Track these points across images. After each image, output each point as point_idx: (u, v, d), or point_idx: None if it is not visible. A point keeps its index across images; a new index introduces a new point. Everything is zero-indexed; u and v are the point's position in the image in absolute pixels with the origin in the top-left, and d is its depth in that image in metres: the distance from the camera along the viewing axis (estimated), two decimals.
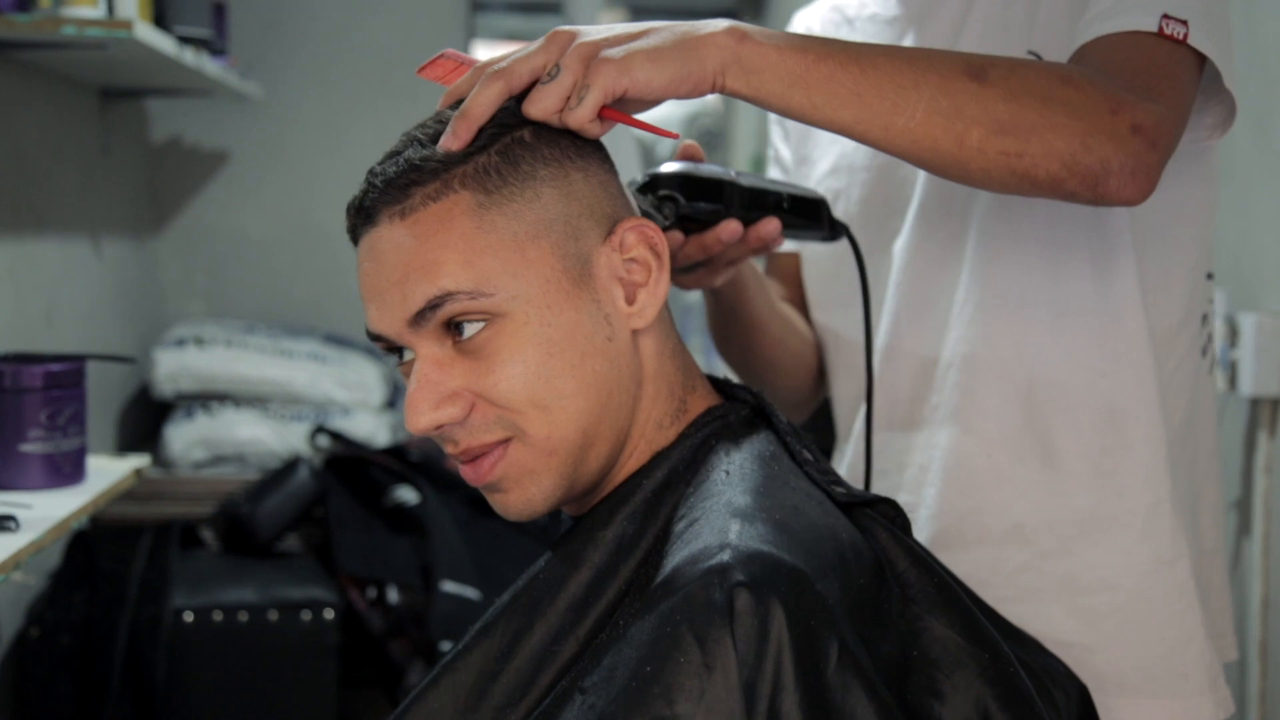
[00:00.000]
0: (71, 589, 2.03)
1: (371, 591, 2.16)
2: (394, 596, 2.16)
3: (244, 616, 2.01)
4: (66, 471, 1.43)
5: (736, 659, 0.75)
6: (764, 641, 0.75)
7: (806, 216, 1.08)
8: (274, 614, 2.02)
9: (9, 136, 1.92)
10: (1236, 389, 1.81)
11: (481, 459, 0.88)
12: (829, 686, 0.77)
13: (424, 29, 2.95)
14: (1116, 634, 1.06)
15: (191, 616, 1.98)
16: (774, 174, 1.29)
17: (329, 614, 2.04)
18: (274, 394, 2.55)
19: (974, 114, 0.88)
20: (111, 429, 2.50)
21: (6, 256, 1.90)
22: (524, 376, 0.85)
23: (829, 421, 1.28)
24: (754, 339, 1.22)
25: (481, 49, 3.09)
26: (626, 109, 0.89)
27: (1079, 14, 1.00)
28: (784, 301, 1.29)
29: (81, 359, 1.46)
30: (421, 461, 2.39)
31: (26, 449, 1.39)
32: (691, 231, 1.03)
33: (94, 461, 1.51)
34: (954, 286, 1.11)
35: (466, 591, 2.13)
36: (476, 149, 0.86)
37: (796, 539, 0.83)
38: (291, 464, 2.34)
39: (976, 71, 0.89)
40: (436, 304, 0.84)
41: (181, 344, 2.54)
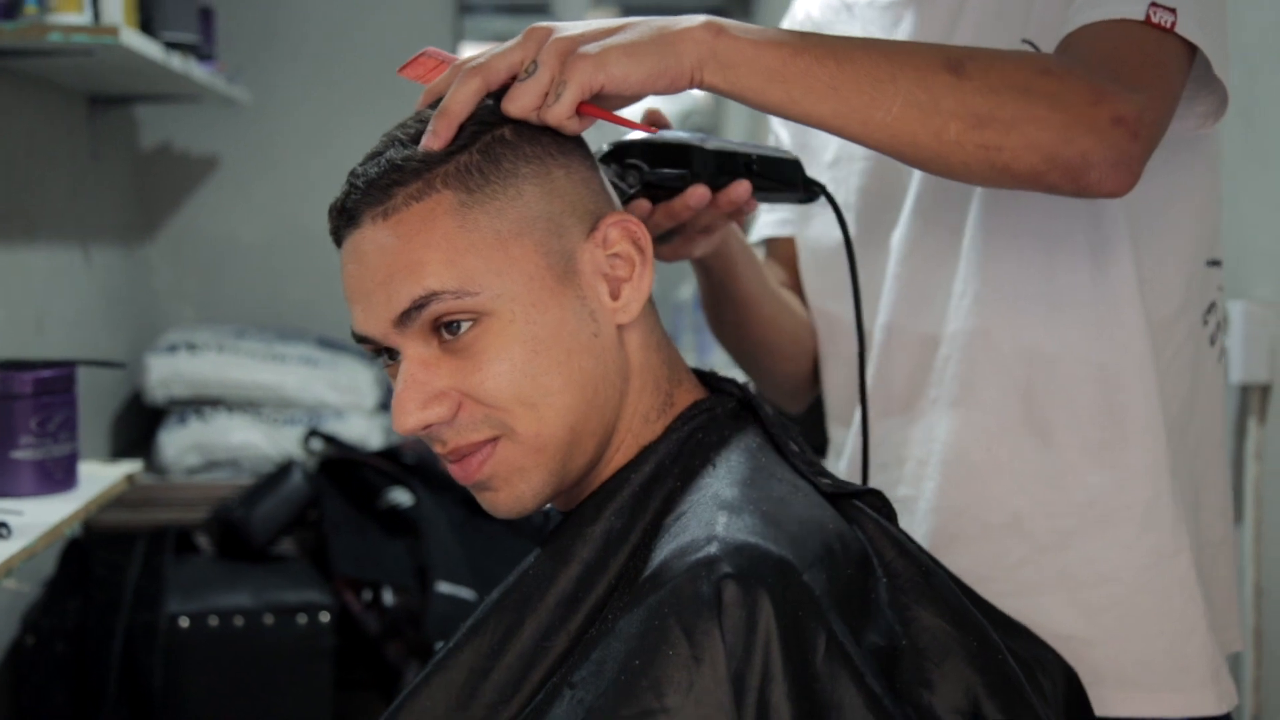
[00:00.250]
0: (66, 596, 2.03)
1: (367, 594, 2.17)
2: (389, 598, 2.16)
3: (239, 621, 2.01)
4: (58, 478, 1.43)
5: (725, 651, 0.75)
6: (752, 633, 0.76)
7: (778, 178, 1.06)
8: (269, 618, 2.02)
9: None
10: (1226, 376, 1.81)
11: (470, 457, 0.88)
12: (817, 677, 0.77)
13: (412, 31, 2.95)
14: (1116, 627, 1.05)
15: (187, 622, 1.99)
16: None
17: (324, 617, 2.04)
18: (266, 398, 2.55)
19: (952, 107, 0.87)
20: (105, 436, 2.50)
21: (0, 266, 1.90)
22: (510, 374, 0.85)
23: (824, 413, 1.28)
24: (745, 317, 1.21)
25: (470, 50, 3.08)
26: (606, 105, 0.89)
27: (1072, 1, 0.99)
28: (783, 287, 1.28)
29: (72, 365, 1.46)
30: (415, 463, 2.40)
31: (18, 455, 1.39)
32: (660, 199, 1.02)
33: (86, 468, 1.52)
34: (951, 279, 1.10)
35: (461, 592, 2.13)
36: (458, 148, 0.86)
37: (783, 530, 0.83)
38: (285, 468, 2.35)
39: (954, 64, 0.88)
40: (422, 304, 0.84)
41: (173, 350, 2.54)
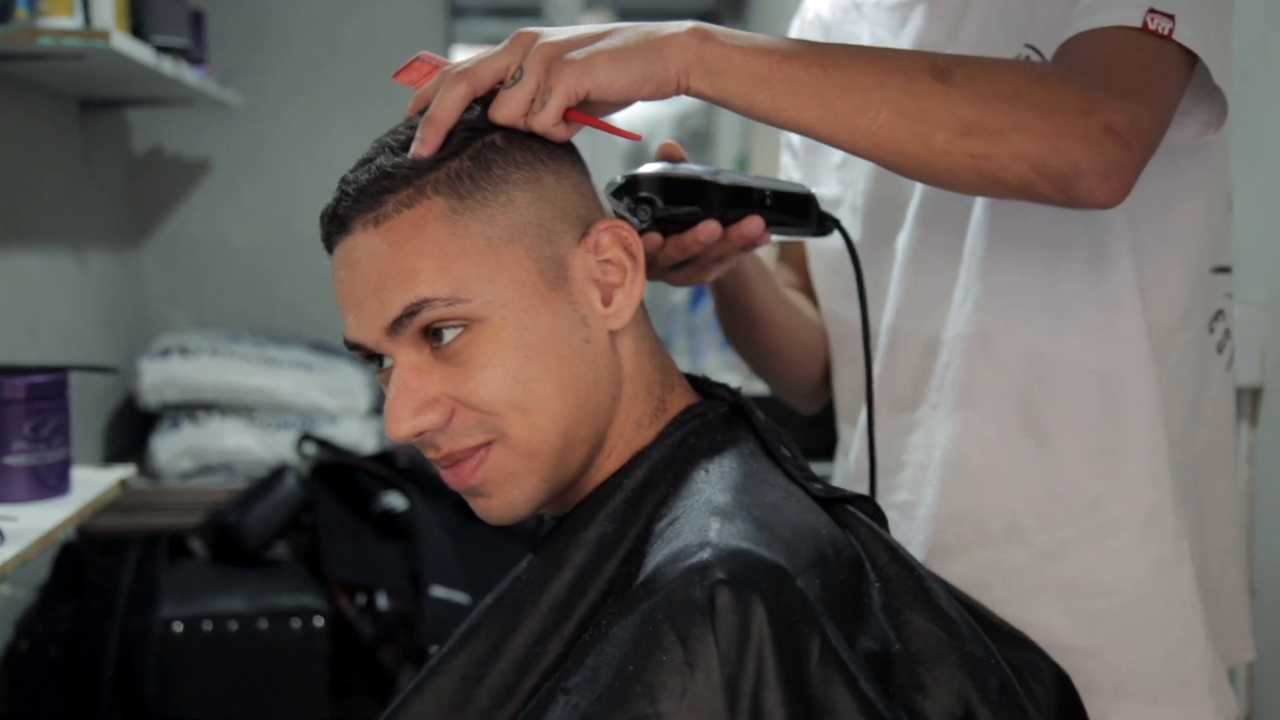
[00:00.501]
0: (60, 601, 2.03)
1: (361, 598, 2.17)
2: (383, 603, 2.16)
3: (234, 626, 2.01)
4: (51, 483, 1.43)
5: (718, 656, 0.75)
6: (745, 639, 0.76)
7: (792, 212, 1.06)
8: (264, 622, 2.02)
9: None
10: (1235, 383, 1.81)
11: (463, 463, 0.88)
12: (811, 682, 0.77)
13: (403, 34, 2.95)
14: (1115, 638, 1.05)
15: (181, 627, 1.98)
16: (785, 159, 1.27)
17: (319, 621, 2.04)
18: (260, 402, 2.55)
19: (939, 115, 0.86)
20: (98, 441, 2.50)
21: None
22: (503, 380, 0.85)
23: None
24: (760, 329, 1.21)
25: (461, 54, 3.09)
26: (593, 111, 0.89)
27: (1074, 6, 0.97)
28: (795, 290, 1.28)
29: (64, 370, 1.46)
30: (409, 467, 2.40)
31: (10, 461, 1.39)
32: (671, 232, 1.02)
33: (79, 473, 1.51)
34: (953, 283, 1.10)
35: (456, 596, 2.13)
36: (448, 154, 0.86)
37: (776, 536, 0.83)
38: (279, 472, 2.34)
39: (942, 72, 0.87)
40: (413, 311, 0.84)
41: (166, 354, 2.53)
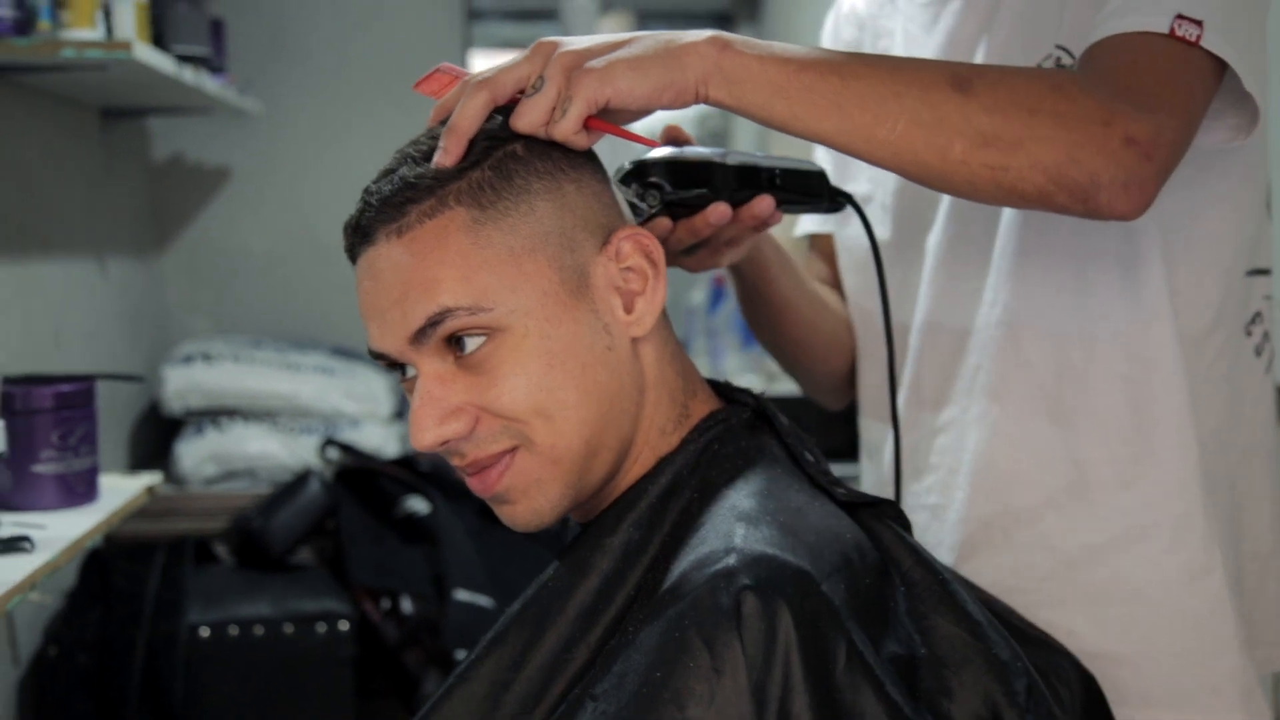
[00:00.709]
0: (87, 608, 2.04)
1: (385, 602, 2.17)
2: (408, 607, 2.16)
3: (259, 630, 2.02)
4: (79, 491, 1.44)
5: (745, 662, 0.76)
6: (772, 644, 0.76)
7: (803, 190, 1.05)
8: (289, 627, 2.03)
9: (12, 159, 1.93)
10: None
11: (489, 470, 0.88)
12: (838, 687, 0.78)
13: (421, 39, 2.96)
14: (1143, 646, 1.04)
15: (207, 632, 2.00)
16: (819, 154, 1.27)
17: (344, 626, 2.05)
18: (282, 408, 2.56)
19: (957, 126, 0.86)
20: (123, 447, 2.51)
21: (13, 279, 1.91)
22: (526, 388, 0.86)
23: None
24: (782, 320, 1.21)
25: (479, 58, 3.10)
26: (614, 119, 0.89)
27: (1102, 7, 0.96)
28: (824, 283, 1.27)
29: (91, 379, 1.47)
30: (431, 471, 2.40)
31: (39, 470, 1.40)
32: (680, 216, 1.01)
33: (106, 480, 1.52)
34: (982, 286, 1.09)
35: (480, 600, 2.13)
36: (470, 164, 0.86)
37: (801, 541, 0.83)
38: (302, 477, 2.35)
39: (961, 82, 0.87)
40: (436, 321, 0.85)
41: (189, 361, 2.55)
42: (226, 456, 2.50)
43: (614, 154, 0.95)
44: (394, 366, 0.91)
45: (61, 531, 1.32)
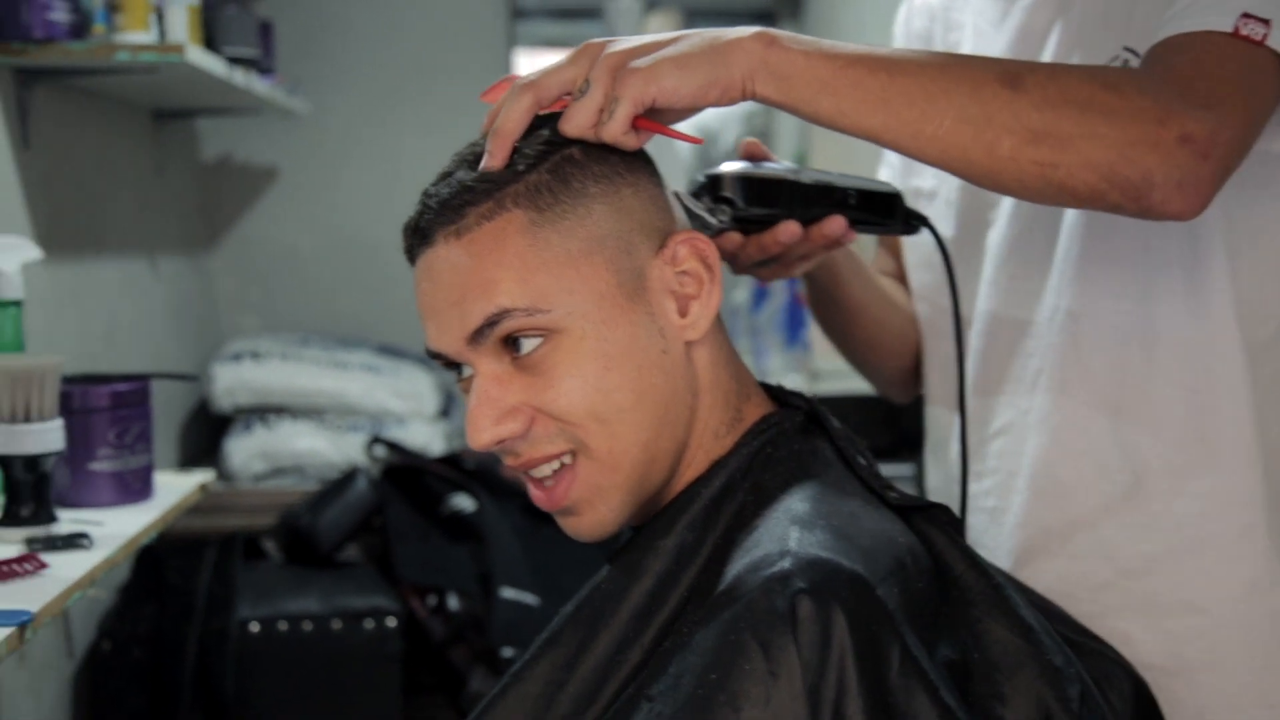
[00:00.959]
0: (141, 602, 2.07)
1: (432, 599, 2.19)
2: (454, 604, 2.18)
3: (308, 626, 2.04)
4: (135, 488, 1.45)
5: (801, 665, 0.76)
6: (827, 647, 0.76)
7: (877, 211, 1.05)
8: (337, 623, 2.05)
9: (67, 161, 1.96)
10: None
11: (556, 487, 0.89)
12: (892, 691, 0.78)
13: (466, 38, 2.98)
14: (1200, 660, 1.02)
15: (257, 627, 2.02)
16: (885, 167, 1.25)
17: (391, 622, 2.06)
18: (329, 405, 2.58)
19: (1005, 122, 0.85)
20: (173, 443, 2.54)
21: (69, 278, 1.94)
22: (583, 391, 0.86)
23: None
24: (852, 321, 1.21)
25: (523, 57, 3.10)
26: (662, 118, 0.89)
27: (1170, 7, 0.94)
28: (891, 277, 1.27)
29: (146, 378, 1.49)
30: (477, 469, 2.42)
31: (96, 467, 1.42)
32: (752, 232, 1.01)
33: (160, 477, 1.54)
34: (1043, 289, 1.08)
35: (525, 597, 2.15)
36: (527, 168, 0.87)
37: (856, 545, 0.83)
38: (350, 475, 2.37)
39: (1012, 78, 0.86)
40: (494, 321, 0.85)
41: (238, 358, 2.57)
42: (275, 454, 2.53)
43: (658, 155, 0.95)
44: (451, 366, 0.92)
45: (118, 529, 1.34)
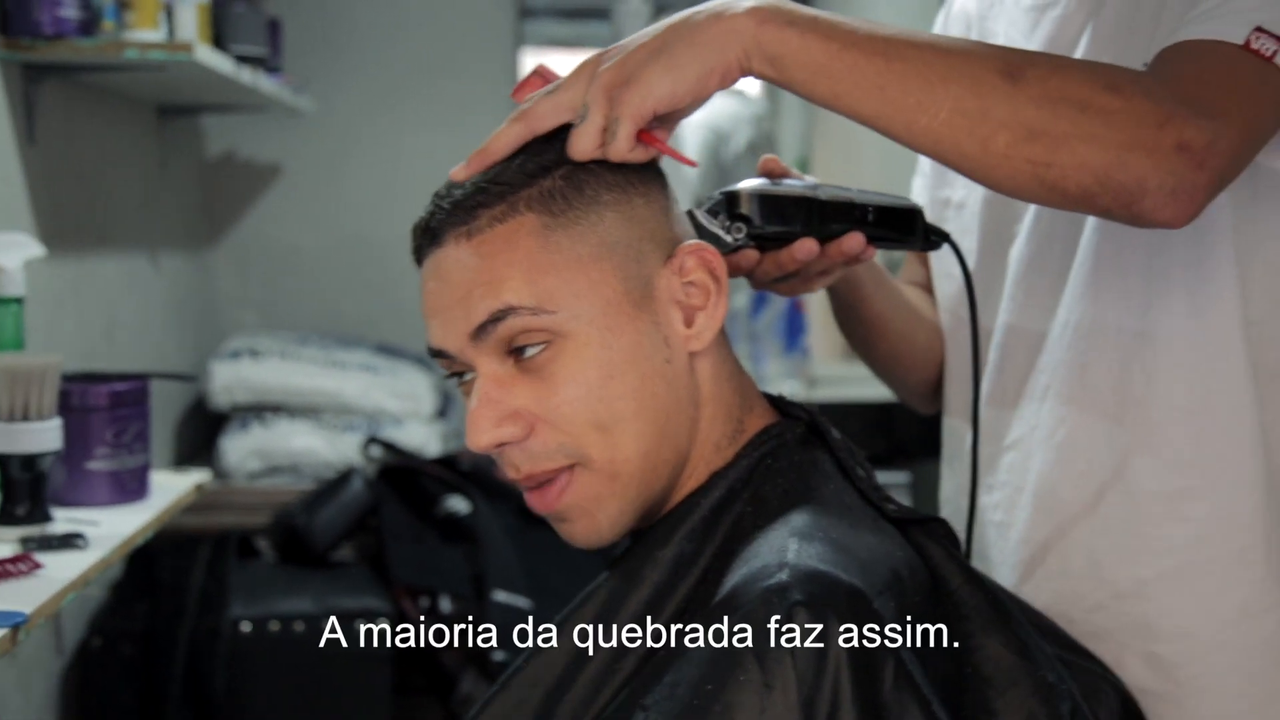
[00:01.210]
0: (133, 600, 2.07)
1: (424, 601, 2.19)
2: (446, 606, 2.18)
3: (300, 626, 2.04)
4: (131, 488, 1.45)
5: (796, 677, 0.76)
6: (823, 660, 0.76)
7: (896, 227, 1.04)
8: (329, 623, 2.05)
9: (72, 156, 1.96)
10: None
11: (549, 487, 0.89)
12: (886, 705, 0.78)
13: (473, 38, 2.98)
14: (1192, 685, 1.01)
15: (249, 626, 2.01)
16: (919, 176, 1.24)
17: (382, 623, 2.06)
18: (327, 404, 2.58)
19: (1002, 117, 0.83)
20: (168, 440, 2.54)
21: (71, 273, 1.94)
22: (585, 398, 0.86)
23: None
24: (875, 334, 1.20)
25: (530, 56, 3.10)
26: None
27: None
28: (918, 286, 1.26)
29: (145, 378, 1.49)
30: (472, 471, 2.42)
31: (93, 466, 1.42)
32: (768, 248, 1.00)
33: (156, 477, 1.54)
34: (1057, 305, 1.07)
35: (518, 601, 2.15)
36: (542, 173, 0.87)
37: (853, 557, 0.84)
38: (345, 475, 2.37)
39: (1013, 71, 0.83)
40: (499, 317, 0.85)
41: (236, 356, 2.57)
42: (270, 452, 2.52)
43: (671, 164, 0.95)
44: (453, 374, 0.92)
45: (114, 529, 1.34)
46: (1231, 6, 0.88)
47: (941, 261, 1.21)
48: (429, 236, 0.89)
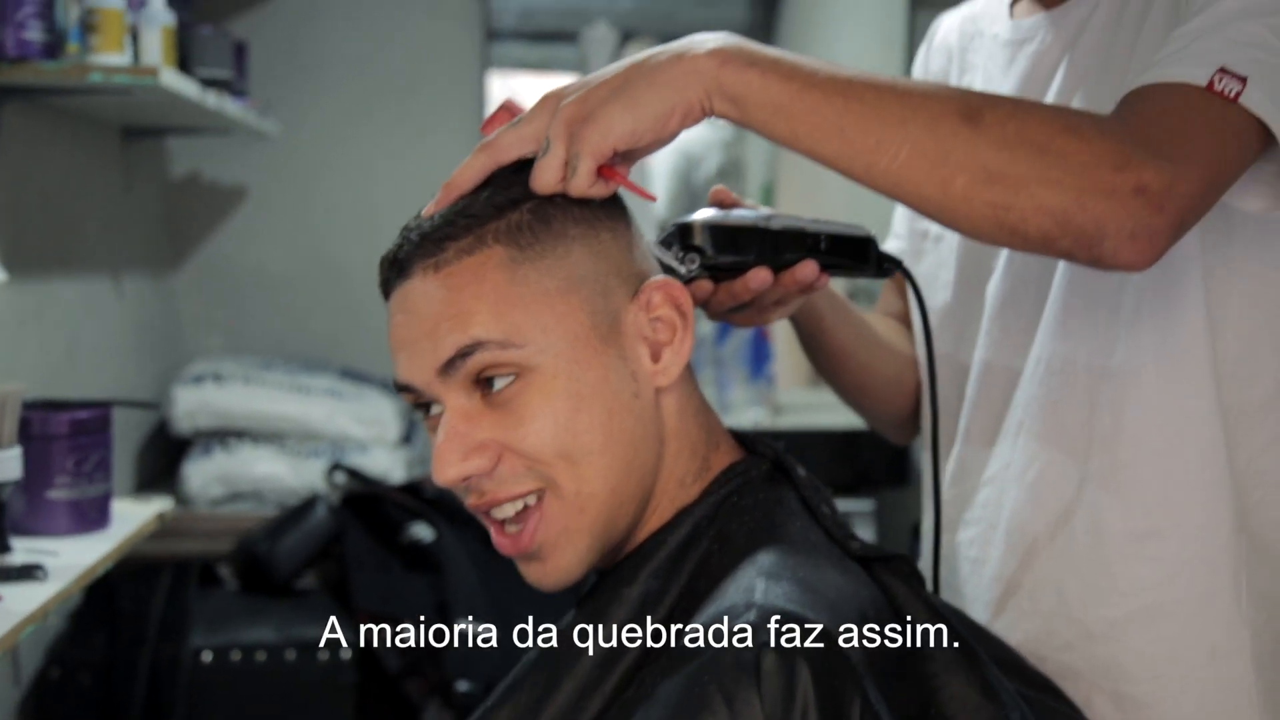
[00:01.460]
0: (92, 629, 2.04)
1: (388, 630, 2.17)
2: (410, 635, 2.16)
3: (262, 656, 2.02)
4: (92, 517, 1.44)
5: (764, 717, 0.76)
6: (790, 700, 0.76)
7: (850, 256, 1.04)
8: (291, 653, 2.03)
9: (33, 178, 1.94)
10: None
11: (522, 531, 0.89)
12: None
13: (439, 61, 2.97)
14: None
15: (210, 656, 1.99)
16: (900, 206, 1.23)
17: (345, 653, 2.04)
18: (291, 430, 2.56)
19: (961, 159, 0.83)
20: (130, 465, 2.52)
21: (33, 297, 1.92)
22: (553, 430, 0.86)
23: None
24: (839, 365, 1.20)
25: (497, 79, 3.10)
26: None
27: None
28: (894, 317, 1.26)
29: (107, 405, 1.47)
30: (437, 498, 2.40)
31: (53, 495, 1.40)
32: (722, 279, 1.00)
33: (118, 505, 1.53)
34: (1030, 342, 1.07)
35: (483, 630, 2.13)
36: (510, 206, 0.87)
37: (821, 597, 0.84)
38: (309, 502, 2.35)
39: (971, 113, 0.84)
40: (466, 352, 0.85)
41: (200, 381, 2.55)
42: (233, 478, 2.50)
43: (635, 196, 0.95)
44: (419, 405, 0.91)
45: (73, 559, 1.33)
46: (1197, 49, 0.88)
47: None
48: (396, 269, 0.89)
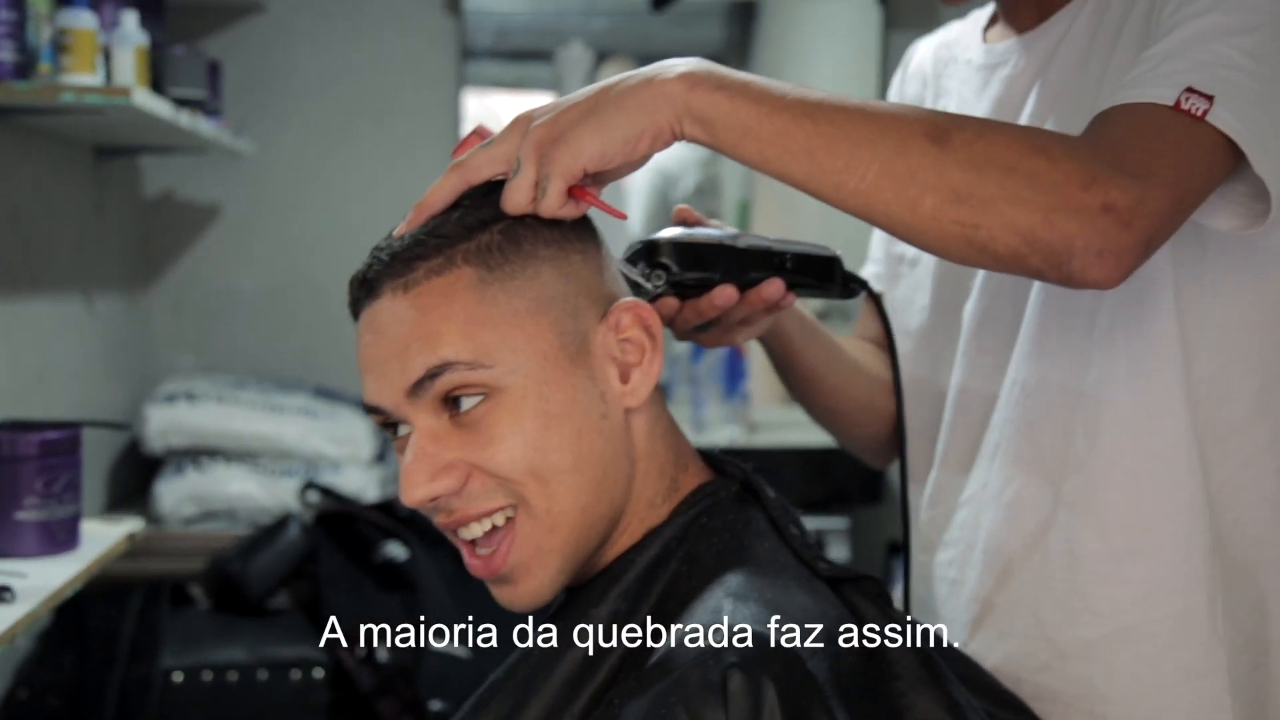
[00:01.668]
0: (61, 650, 2.02)
1: (361, 649, 2.16)
2: (383, 654, 2.15)
3: (233, 676, 2.00)
4: (61, 539, 1.43)
5: None
6: None
7: (815, 275, 1.05)
8: (263, 673, 2.02)
9: (6, 197, 1.93)
10: None
11: (494, 553, 0.89)
12: None
13: (414, 79, 2.97)
14: None
15: (181, 676, 1.98)
16: (876, 230, 1.23)
17: (318, 673, 2.04)
18: (264, 449, 2.55)
19: (929, 180, 0.84)
20: (102, 484, 2.50)
21: (3, 316, 1.91)
22: (522, 449, 0.86)
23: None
24: (809, 388, 1.20)
25: (472, 97, 3.10)
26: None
27: None
28: (872, 341, 1.26)
29: (77, 426, 1.47)
30: (410, 517, 2.39)
31: (22, 517, 1.40)
32: (688, 297, 1.01)
33: (87, 526, 1.52)
34: (1006, 364, 1.07)
35: (456, 649, 2.13)
36: (480, 227, 0.88)
37: (788, 617, 0.84)
38: (282, 520, 2.34)
39: (939, 133, 0.85)
40: (435, 373, 0.85)
41: (172, 399, 2.54)
42: (206, 497, 2.49)
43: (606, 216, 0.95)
44: (387, 426, 0.91)
45: (42, 580, 1.32)
46: (1164, 69, 0.89)
47: (897, 317, 1.21)
48: (366, 288, 0.89)
